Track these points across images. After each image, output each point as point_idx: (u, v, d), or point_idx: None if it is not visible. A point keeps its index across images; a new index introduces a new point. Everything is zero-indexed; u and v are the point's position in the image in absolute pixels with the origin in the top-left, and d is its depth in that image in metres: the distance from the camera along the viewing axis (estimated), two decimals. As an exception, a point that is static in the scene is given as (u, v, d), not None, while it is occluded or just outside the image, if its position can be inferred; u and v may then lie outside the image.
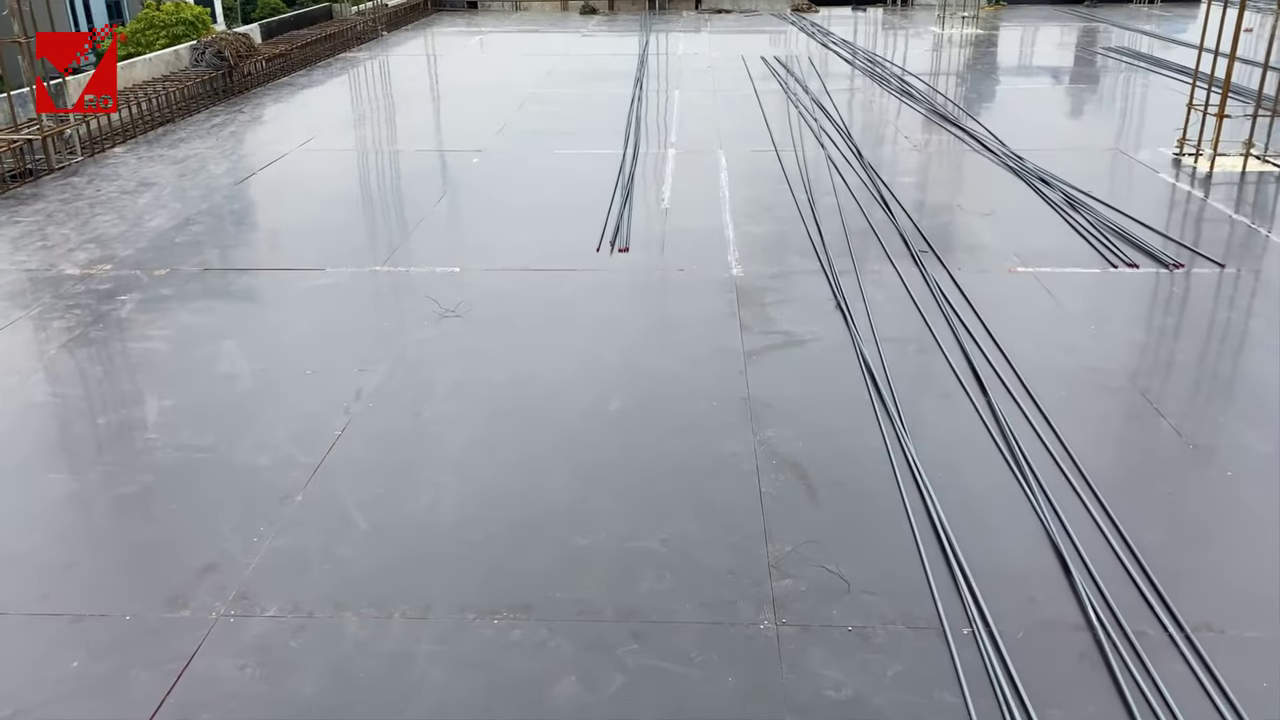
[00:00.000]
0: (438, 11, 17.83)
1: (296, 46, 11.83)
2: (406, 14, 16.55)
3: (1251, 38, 8.72)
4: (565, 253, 5.33)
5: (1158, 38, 12.89)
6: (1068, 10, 16.18)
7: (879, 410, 3.57)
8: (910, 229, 5.55)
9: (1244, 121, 6.65)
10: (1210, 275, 4.89)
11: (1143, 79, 10.33)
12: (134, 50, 27.50)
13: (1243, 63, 6.86)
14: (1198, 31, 6.93)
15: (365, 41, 14.00)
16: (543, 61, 12.26)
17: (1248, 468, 3.24)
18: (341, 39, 13.33)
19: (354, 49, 13.39)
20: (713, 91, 9.99)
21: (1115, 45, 12.48)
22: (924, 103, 9.04)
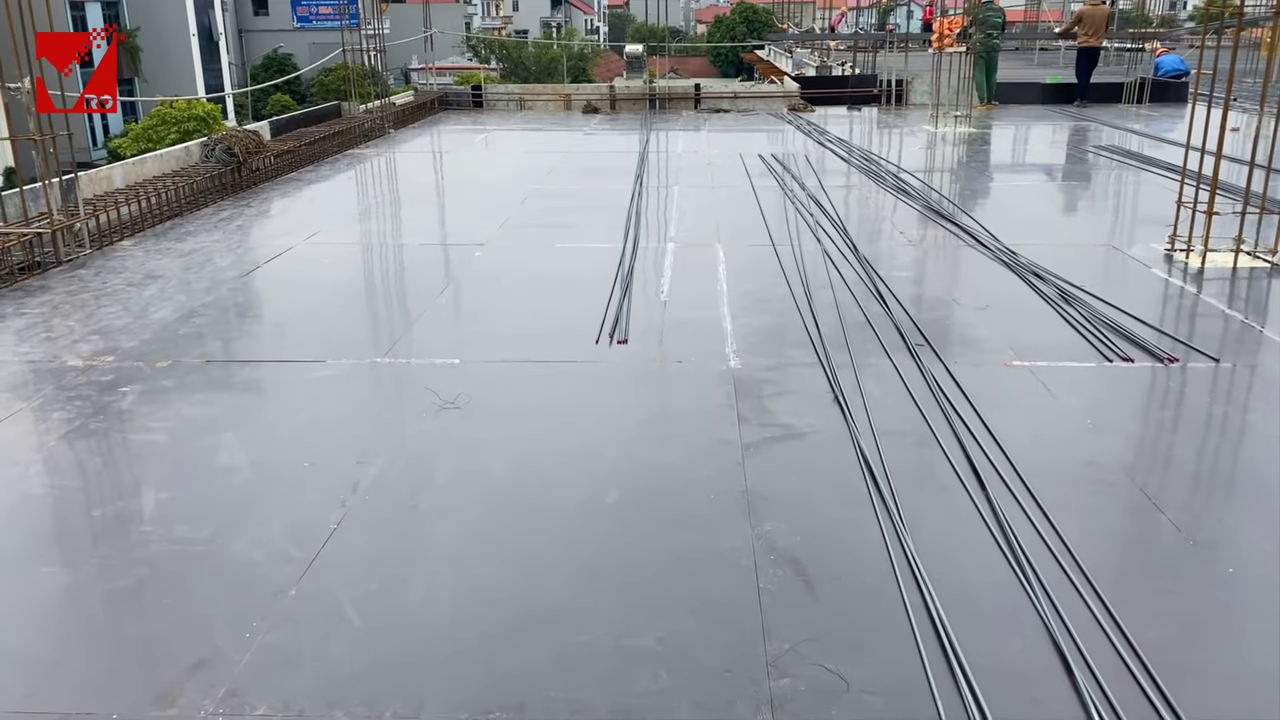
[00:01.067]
0: (444, 110, 18.30)
1: (305, 143, 12.12)
2: (414, 112, 17.00)
3: (1238, 137, 8.92)
4: (564, 344, 5.38)
5: (1147, 136, 13.20)
6: (1058, 110, 16.60)
7: (877, 504, 3.56)
8: (906, 323, 5.61)
9: (1233, 218, 6.77)
10: (1206, 370, 4.92)
11: (1134, 176, 10.55)
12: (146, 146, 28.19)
13: (1230, 161, 7.01)
14: (1185, 131, 7.10)
15: (373, 139, 14.34)
16: (546, 158, 12.54)
17: (1249, 564, 3.22)
18: (349, 136, 13.66)
19: (361, 146, 13.72)
20: (711, 188, 10.20)
21: (1106, 144, 12.78)
22: (919, 199, 9.21)
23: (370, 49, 15.98)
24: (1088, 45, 16.70)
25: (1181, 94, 16.85)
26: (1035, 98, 17.68)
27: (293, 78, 41.46)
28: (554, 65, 60.26)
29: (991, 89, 16.78)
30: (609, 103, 18.39)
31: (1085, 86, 16.93)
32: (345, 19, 16.53)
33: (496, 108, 18.83)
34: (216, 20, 50.16)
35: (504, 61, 63.58)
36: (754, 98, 19.04)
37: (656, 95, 18.40)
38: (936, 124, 14.56)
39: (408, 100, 17.82)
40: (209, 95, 40.08)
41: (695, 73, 55.20)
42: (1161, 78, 17.43)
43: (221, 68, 50.74)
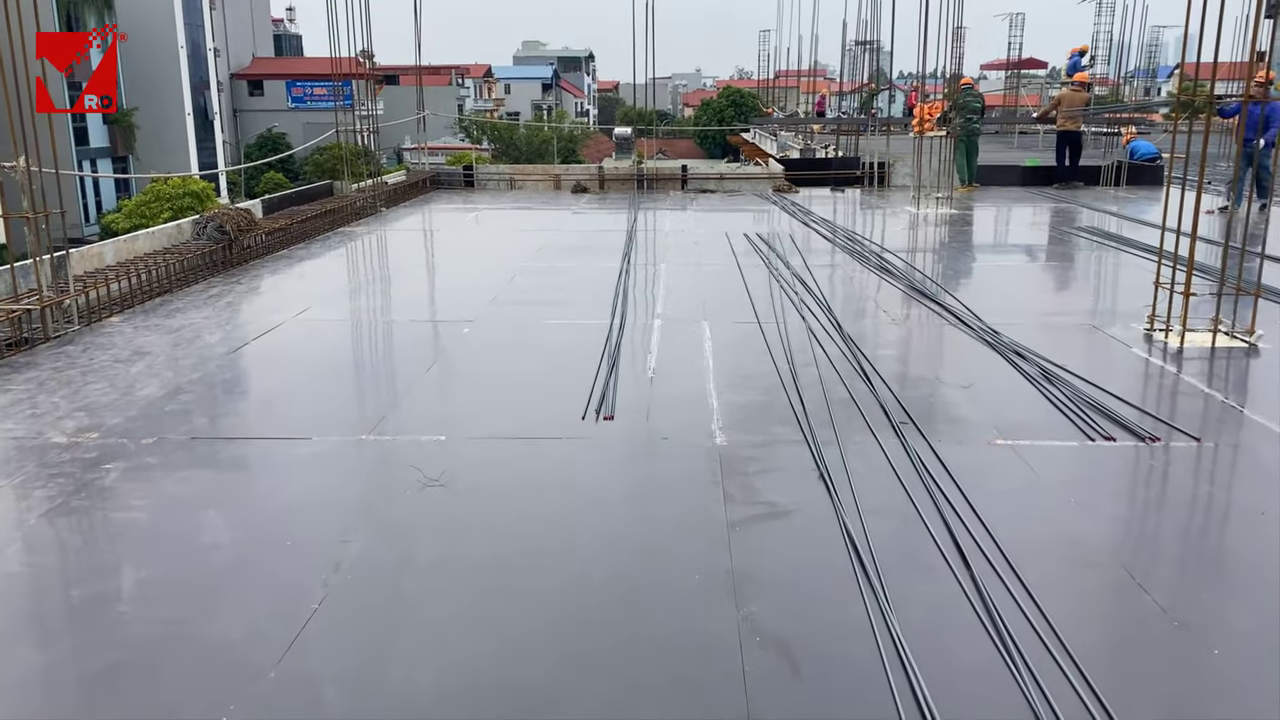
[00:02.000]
0: (436, 189, 18.57)
1: (296, 221, 12.26)
2: (405, 191, 17.24)
3: (1212, 218, 9.13)
4: (550, 421, 5.39)
5: (1125, 218, 13.46)
6: (1037, 192, 16.95)
7: (863, 584, 3.55)
8: (891, 400, 5.65)
9: (1210, 298, 6.89)
10: (1188, 449, 4.96)
11: (1113, 257, 10.74)
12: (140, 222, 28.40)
13: (1204, 242, 7.16)
14: (1160, 213, 7.26)
15: (364, 217, 14.52)
16: (535, 236, 12.70)
17: (1233, 645, 3.21)
18: (341, 214, 13.82)
19: (353, 224, 13.87)
20: (698, 266, 10.33)
21: (1085, 225, 13.03)
22: (902, 279, 9.35)
23: (363, 129, 16.28)
24: (1066, 129, 17.15)
25: (1157, 177, 17.24)
26: (1015, 180, 18.07)
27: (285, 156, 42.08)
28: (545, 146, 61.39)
29: (972, 171, 17.16)
30: (598, 183, 18.69)
31: (1063, 169, 17.33)
32: (339, 100, 16.87)
33: (487, 187, 19.12)
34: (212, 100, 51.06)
35: (496, 142, 64.75)
36: (739, 179, 19.39)
37: (645, 176, 18.72)
38: (918, 205, 14.84)
39: (399, 179, 18.09)
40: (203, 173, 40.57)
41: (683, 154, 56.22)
42: (1136, 161, 17.86)
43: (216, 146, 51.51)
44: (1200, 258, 6.93)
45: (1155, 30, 39.11)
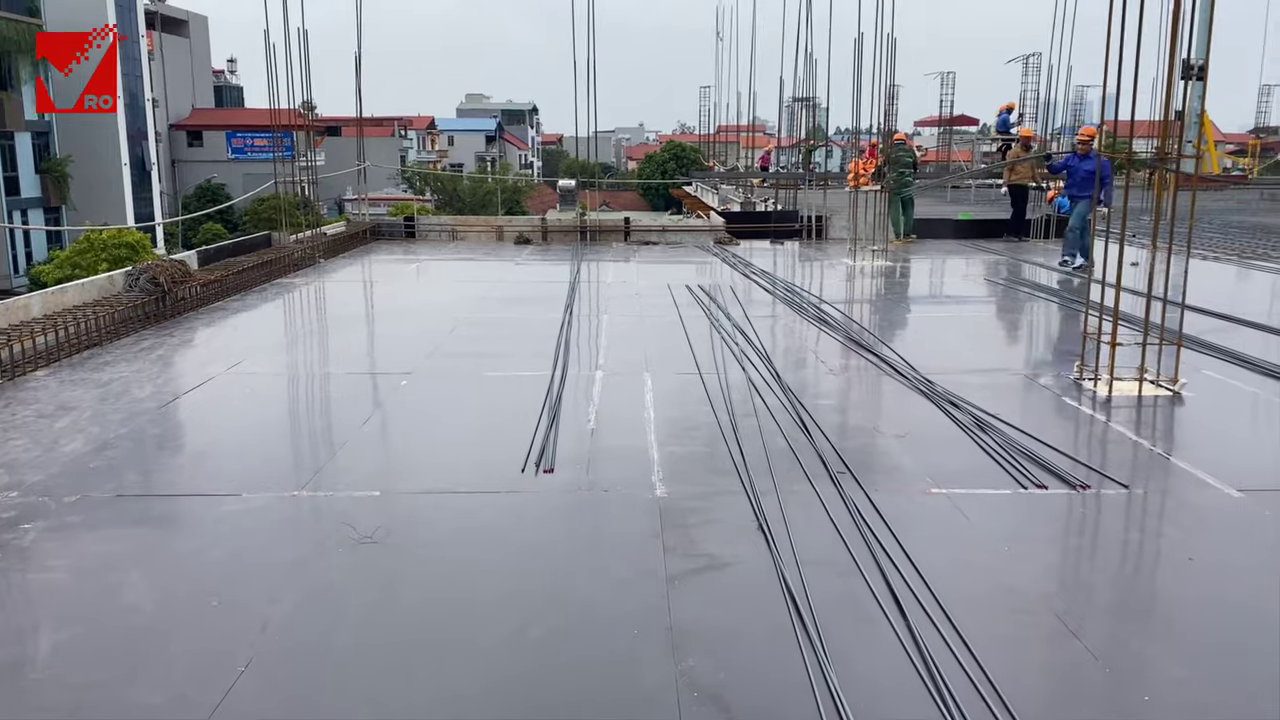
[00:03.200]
0: (377, 240, 18.46)
1: (233, 272, 12.08)
2: (345, 242, 17.11)
3: (1138, 271, 9.41)
4: (489, 474, 5.33)
5: (1055, 270, 13.84)
6: (969, 244, 17.37)
7: (801, 637, 3.54)
8: (829, 450, 5.69)
9: (1136, 348, 7.08)
10: (1117, 496, 5.06)
11: (1044, 308, 11.02)
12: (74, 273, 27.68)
13: (1130, 294, 7.37)
14: (1085, 267, 7.47)
15: (303, 268, 14.36)
16: (476, 287, 12.67)
17: (1163, 691, 3.25)
18: (279, 265, 13.66)
19: (291, 275, 13.71)
20: (640, 317, 10.37)
21: (1016, 276, 13.37)
22: (840, 330, 9.48)
23: (303, 180, 16.18)
24: (1019, 183, 17.68)
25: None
26: (949, 233, 18.50)
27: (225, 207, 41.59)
28: (488, 197, 61.54)
29: (908, 224, 17.55)
30: (541, 234, 18.75)
31: (1015, 223, 17.82)
32: (279, 151, 16.76)
33: (429, 238, 19.06)
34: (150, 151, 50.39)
35: (439, 193, 64.75)
36: (681, 231, 19.59)
37: (588, 227, 18.83)
38: (855, 257, 15.11)
39: (339, 230, 17.97)
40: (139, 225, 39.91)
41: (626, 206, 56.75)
42: (1065, 215, 18.40)
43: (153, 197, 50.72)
44: (1128, 308, 7.13)
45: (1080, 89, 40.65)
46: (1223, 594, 4.02)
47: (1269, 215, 24.31)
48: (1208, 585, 4.13)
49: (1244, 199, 30.51)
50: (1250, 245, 16.96)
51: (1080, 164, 13.89)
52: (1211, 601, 3.96)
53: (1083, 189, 13.81)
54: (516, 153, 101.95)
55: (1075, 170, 14.05)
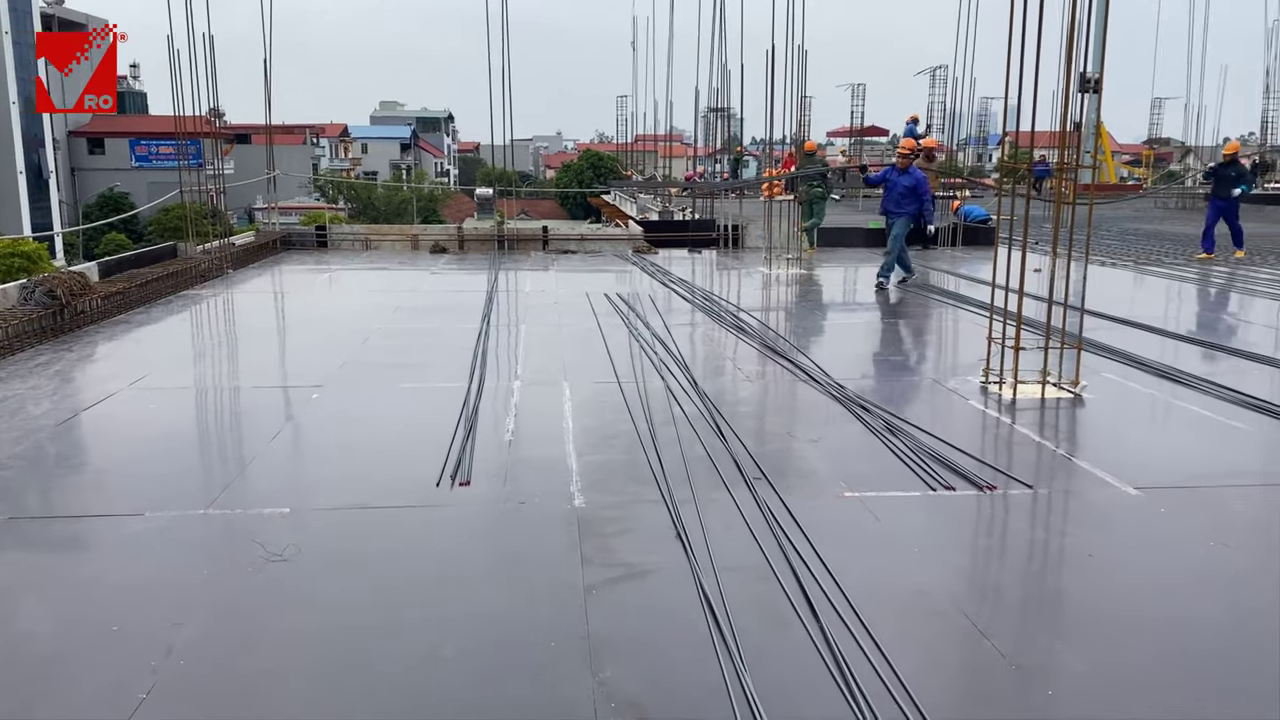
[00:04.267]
0: (288, 250, 18.07)
1: (136, 284, 11.68)
2: (254, 252, 16.71)
3: (1040, 277, 9.72)
4: (404, 489, 5.25)
5: (961, 277, 14.24)
6: (880, 253, 17.73)
7: (718, 643, 3.56)
8: (745, 457, 5.74)
9: (1039, 352, 7.32)
10: (1023, 496, 5.21)
11: (951, 314, 11.32)
12: (-40, 286, 26.30)
13: (1032, 299, 7.61)
14: (991, 272, 7.71)
15: (210, 279, 13.97)
16: (391, 297, 12.49)
17: (1066, 686, 3.36)
18: (185, 277, 13.27)
19: (198, 286, 13.33)
20: (558, 326, 10.34)
21: (925, 283, 13.70)
22: (757, 337, 9.59)
23: (211, 189, 15.75)
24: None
25: (990, 237, 18.32)
26: (860, 241, 18.88)
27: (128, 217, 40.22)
28: (404, 206, 60.68)
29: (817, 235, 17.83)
30: (458, 243, 18.58)
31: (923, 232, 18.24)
32: (185, 159, 16.28)
33: (341, 247, 18.73)
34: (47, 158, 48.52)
35: (353, 202, 63.66)
36: (600, 240, 19.62)
37: (505, 236, 18.73)
38: (771, 266, 15.33)
39: (248, 240, 17.54)
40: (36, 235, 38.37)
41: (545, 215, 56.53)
42: (969, 223, 18.96)
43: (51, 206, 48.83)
44: (1031, 313, 7.36)
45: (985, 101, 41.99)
46: (1120, 588, 4.17)
47: (1163, 223, 25.40)
48: (1107, 580, 4.27)
49: (1140, 207, 31.83)
50: (1146, 251, 17.69)
51: (899, 179, 13.08)
52: (1110, 596, 4.10)
53: (900, 205, 13.00)
54: (433, 160, 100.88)
55: (893, 185, 13.15)
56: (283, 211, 24.79)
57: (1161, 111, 52.61)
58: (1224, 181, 16.45)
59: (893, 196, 13.05)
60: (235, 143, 51.29)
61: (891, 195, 13.08)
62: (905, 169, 13.05)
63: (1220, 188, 16.51)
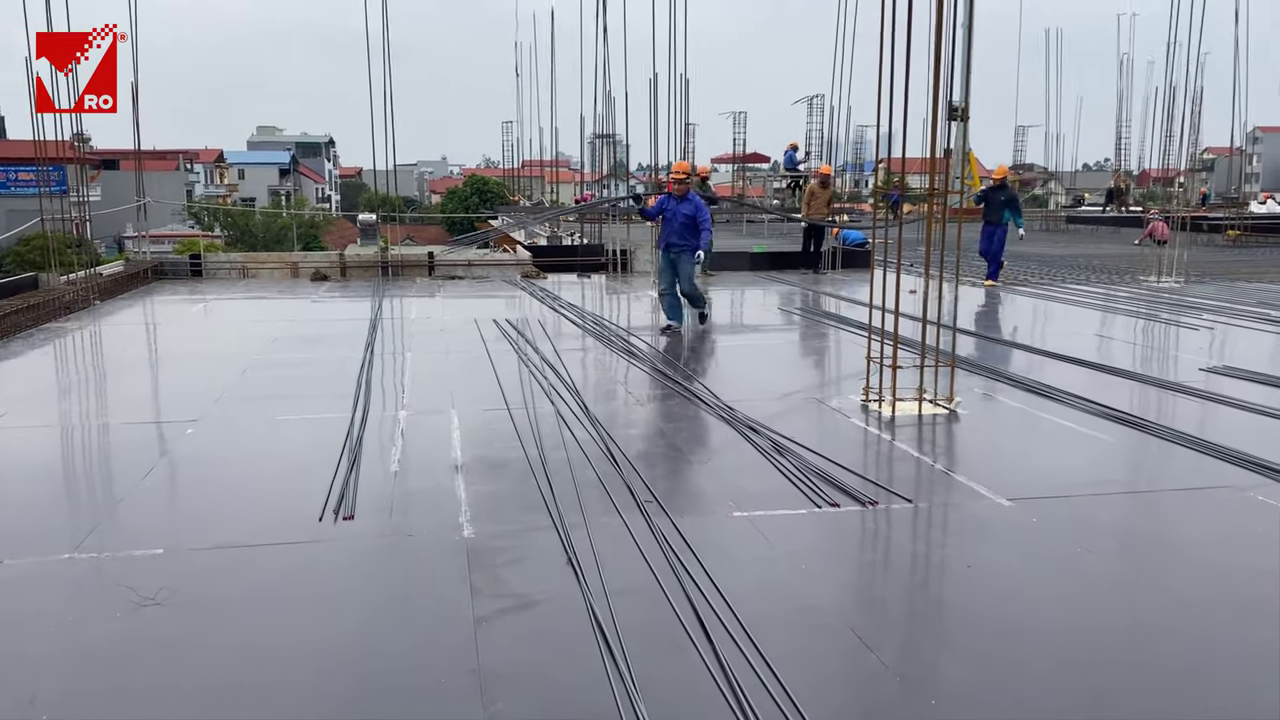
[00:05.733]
0: (159, 280, 17.38)
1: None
2: (124, 283, 16.00)
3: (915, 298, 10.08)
4: (284, 525, 5.08)
5: (841, 299, 14.65)
6: (765, 276, 18.14)
7: (610, 669, 3.54)
8: (637, 480, 5.76)
9: (915, 370, 7.57)
10: (904, 511, 5.37)
11: (834, 335, 11.62)
12: None
13: (908, 319, 7.88)
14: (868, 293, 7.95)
15: (75, 311, 13.31)
16: (269, 327, 12.12)
17: (948, 695, 3.46)
18: (48, 309, 12.61)
19: (62, 319, 12.68)
20: (445, 353, 10.21)
21: (808, 305, 14.05)
22: (647, 361, 9.66)
23: (76, 217, 15.03)
24: (814, 219, 18.55)
25: (868, 260, 18.92)
26: (746, 265, 19.25)
27: (-17, 246, 37.97)
28: (284, 233, 59.07)
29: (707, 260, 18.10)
30: (339, 270, 18.18)
31: (809, 256, 18.68)
32: (48, 186, 15.49)
33: (217, 276, 18.11)
34: (-109, 184, 45.57)
35: (230, 229, 61.70)
36: (488, 265, 19.48)
37: (389, 263, 18.41)
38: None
39: (117, 270, 16.80)
40: (-122, 264, 35.95)
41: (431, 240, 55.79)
42: (848, 246, 19.55)
43: (-105, 235, 45.75)
44: (908, 333, 7.63)
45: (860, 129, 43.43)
46: (997, 596, 4.33)
47: (1028, 244, 26.65)
48: (984, 589, 4.43)
49: (1006, 230, 33.28)
50: (1013, 272, 18.53)
51: (678, 208, 11.22)
52: (988, 604, 4.25)
53: (684, 237, 11.22)
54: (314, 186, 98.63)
55: (672, 215, 11.29)
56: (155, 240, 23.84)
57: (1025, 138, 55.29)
58: (994, 206, 16.39)
59: (673, 228, 11.27)
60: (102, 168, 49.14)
61: (671, 227, 11.30)
62: (684, 196, 11.24)
63: (991, 212, 16.43)
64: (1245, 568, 4.61)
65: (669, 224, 11.36)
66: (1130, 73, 43.11)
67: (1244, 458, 6.10)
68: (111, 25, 11.97)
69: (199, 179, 76.04)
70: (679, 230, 11.22)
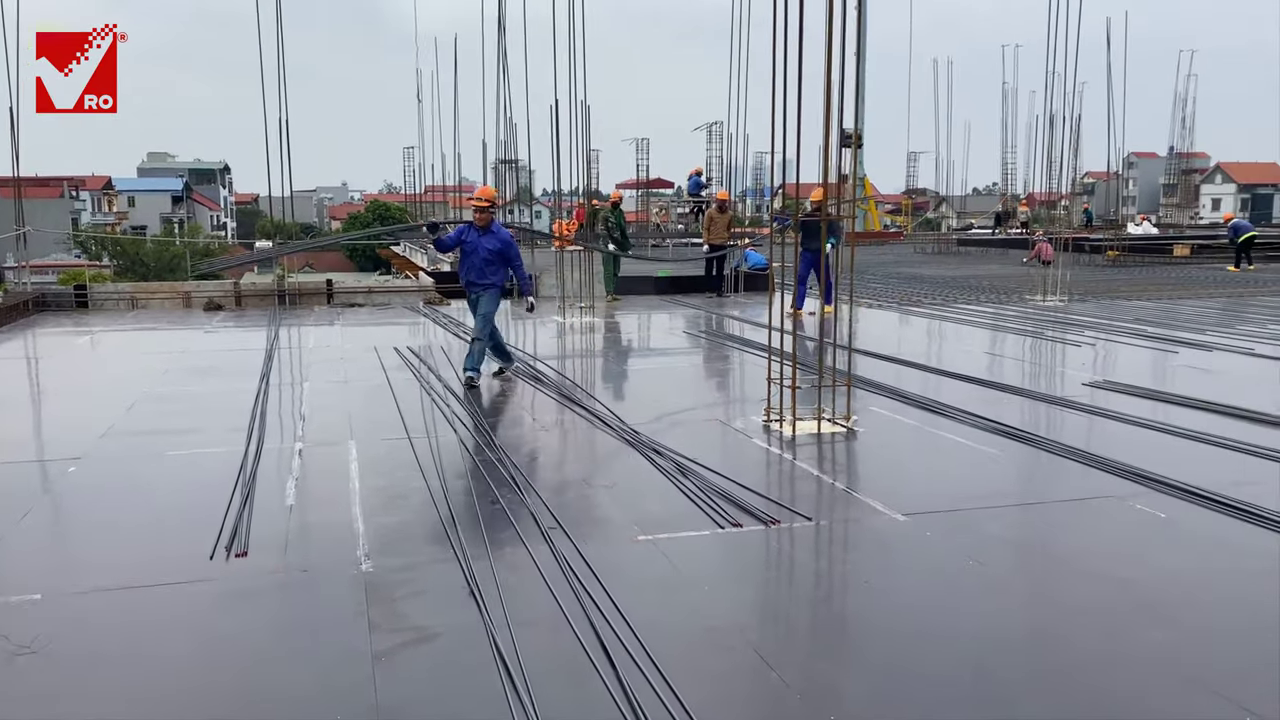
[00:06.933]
0: (41, 311, 16.62)
1: None
2: (3, 315, 15.24)
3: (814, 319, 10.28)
4: (173, 565, 4.89)
5: (744, 321, 14.84)
6: (670, 300, 18.30)
7: (513, 701, 3.50)
8: (541, 507, 5.72)
9: (814, 390, 7.71)
10: (805, 529, 5.45)
11: (738, 357, 11.76)
12: None
13: (806, 340, 8.02)
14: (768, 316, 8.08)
15: (-54, 345, 12.62)
16: (160, 359, 11.69)
17: (846, 711, 3.51)
18: (-85, 343, 11.93)
19: (-69, 353, 12.01)
20: (345, 382, 10.00)
21: (711, 328, 14.20)
22: (553, 386, 9.62)
23: (-54, 247, 14.29)
24: (715, 243, 18.76)
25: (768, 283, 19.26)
26: (651, 289, 19.38)
27: None
28: (176, 262, 57.18)
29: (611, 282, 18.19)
30: (234, 299, 17.68)
31: (713, 279, 18.86)
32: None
33: (105, 307, 17.40)
34: None
35: (119, 259, 59.47)
36: (389, 292, 19.18)
37: (287, 291, 17.97)
38: (564, 314, 15.46)
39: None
40: None
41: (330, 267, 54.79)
42: (749, 270, 19.87)
43: None
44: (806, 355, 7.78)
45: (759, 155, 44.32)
46: (895, 610, 4.42)
47: (922, 266, 27.52)
48: (883, 604, 4.53)
49: (901, 252, 34.37)
50: (908, 293, 19.08)
51: (480, 240, 9.61)
52: (886, 619, 4.34)
53: (484, 274, 9.66)
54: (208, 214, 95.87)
55: (473, 249, 9.64)
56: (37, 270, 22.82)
57: (917, 164, 57.29)
58: (812, 232, 14.22)
59: (474, 264, 9.67)
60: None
61: (472, 262, 9.68)
62: (486, 226, 9.64)
63: (809, 239, 14.32)
64: (1129, 573, 4.81)
65: (468, 259, 9.72)
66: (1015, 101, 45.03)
67: (1124, 468, 6.37)
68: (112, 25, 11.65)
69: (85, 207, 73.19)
70: (479, 267, 9.64)
